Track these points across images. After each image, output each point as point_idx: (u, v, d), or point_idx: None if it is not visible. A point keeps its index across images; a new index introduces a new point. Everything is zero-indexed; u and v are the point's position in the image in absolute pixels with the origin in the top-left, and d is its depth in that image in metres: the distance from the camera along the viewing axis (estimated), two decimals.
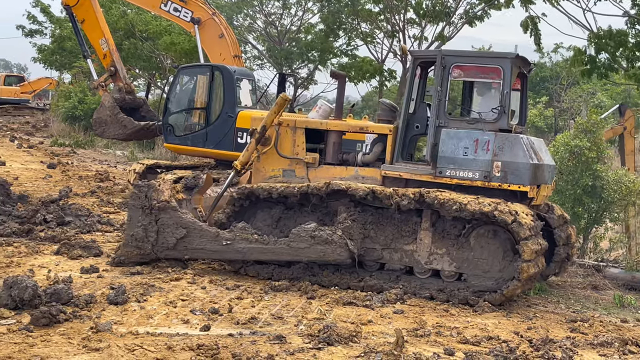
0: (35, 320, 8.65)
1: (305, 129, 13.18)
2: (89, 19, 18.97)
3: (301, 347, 8.41)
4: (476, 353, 8.57)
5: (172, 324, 9.14)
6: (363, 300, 10.86)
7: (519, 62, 12.24)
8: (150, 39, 32.81)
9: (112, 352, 7.91)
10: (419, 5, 25.17)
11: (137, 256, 12.20)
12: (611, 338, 9.63)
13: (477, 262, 11.50)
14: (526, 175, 11.35)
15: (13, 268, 11.36)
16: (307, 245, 11.63)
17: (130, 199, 12.76)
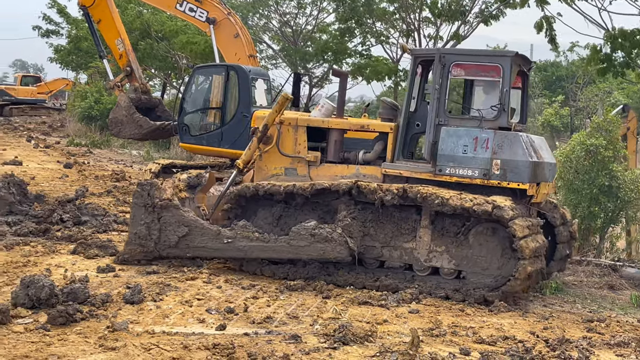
0: (52, 320, 8.70)
1: (307, 128, 13.20)
2: (105, 19, 19.04)
3: (316, 347, 8.42)
4: (492, 353, 8.54)
5: (188, 323, 9.16)
6: (378, 299, 10.85)
7: (519, 60, 12.34)
8: (166, 39, 32.88)
9: (128, 351, 7.93)
10: (434, 5, 25.07)
11: (141, 254, 12.26)
12: (628, 338, 9.59)
13: (476, 260, 11.51)
14: (525, 173, 11.36)
15: (30, 267, 11.42)
16: (307, 243, 11.62)
17: (133, 197, 12.79)
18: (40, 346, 7.97)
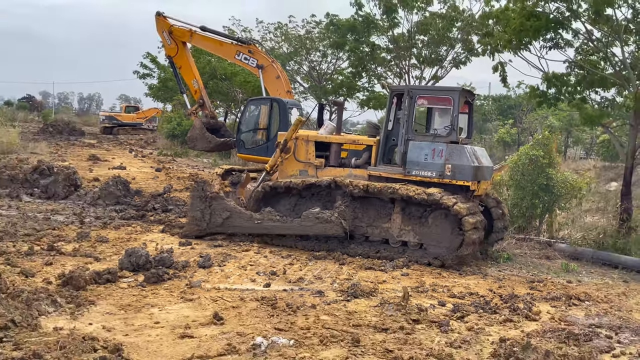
0: (147, 279, 8.79)
1: (315, 142, 13.37)
2: (184, 65, 19.13)
3: (335, 299, 8.46)
4: (461, 304, 8.58)
5: (243, 282, 9.23)
6: (379, 266, 10.92)
7: (465, 93, 12.50)
8: (228, 79, 33.02)
9: (201, 302, 8.00)
10: (419, 55, 25.05)
11: (196, 231, 12.54)
12: (560, 294, 9.62)
13: (433, 235, 11.69)
14: (469, 174, 11.51)
15: (131, 242, 11.54)
16: (313, 223, 11.85)
17: (191, 191, 13.14)
18: (138, 298, 8.05)
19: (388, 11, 24.37)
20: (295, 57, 29.10)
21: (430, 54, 24.86)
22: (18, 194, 16.23)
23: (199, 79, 19.00)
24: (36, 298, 7.38)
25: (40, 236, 11.32)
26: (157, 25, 19.17)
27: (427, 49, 24.92)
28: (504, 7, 15.37)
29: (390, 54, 25.61)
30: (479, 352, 6.73)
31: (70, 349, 5.70)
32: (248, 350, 6.28)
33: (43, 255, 9.94)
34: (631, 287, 10.90)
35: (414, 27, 24.51)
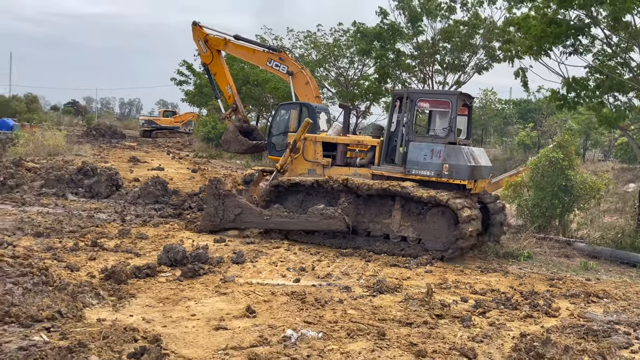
0: (184, 274, 8.87)
1: (322, 143, 13.56)
2: (219, 72, 19.26)
3: (361, 295, 8.46)
4: (483, 300, 8.50)
5: (274, 277, 9.26)
6: (404, 263, 10.87)
7: (463, 97, 12.59)
8: (260, 85, 33.17)
9: (234, 296, 8.05)
10: (443, 61, 24.89)
11: (210, 226, 12.79)
12: (579, 291, 9.46)
13: (432, 232, 11.73)
14: (466, 173, 11.59)
15: (169, 239, 11.66)
16: (318, 219, 11.96)
17: (206, 189, 13.40)
18: (176, 291, 8.13)
19: (413, 19, 24.28)
20: (324, 63, 29.12)
21: (453, 60, 24.67)
22: (64, 193, 16.52)
23: (233, 85, 19.12)
24: (81, 291, 7.49)
25: (85, 233, 11.49)
26: (194, 34, 19.34)
27: (450, 56, 24.74)
28: (525, 14, 15.21)
29: (414, 60, 25.47)
30: (500, 346, 6.67)
31: (113, 339, 5.78)
32: (279, 342, 6.31)
33: (87, 250, 10.09)
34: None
35: (438, 35, 24.37)
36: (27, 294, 7.00)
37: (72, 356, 5.27)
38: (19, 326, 6.05)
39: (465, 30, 23.88)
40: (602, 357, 6.41)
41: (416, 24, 24.35)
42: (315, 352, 6.06)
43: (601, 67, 14.63)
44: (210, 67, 19.50)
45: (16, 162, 20.51)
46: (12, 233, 10.89)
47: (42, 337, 5.79)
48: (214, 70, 19.45)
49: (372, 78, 28.13)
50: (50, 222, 12.27)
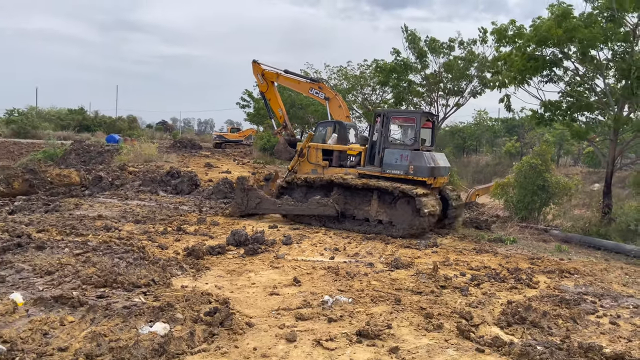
0: (246, 252, 8.92)
1: (322, 149, 13.94)
2: (272, 98, 19.34)
3: (382, 269, 8.38)
4: (478, 275, 8.34)
5: (314, 255, 9.25)
6: (415, 245, 10.71)
7: (426, 114, 12.82)
8: (303, 108, 33.25)
9: (284, 269, 8.06)
10: (445, 88, 24.64)
11: (238, 212, 13.08)
12: (554, 268, 9.22)
13: (400, 216, 11.91)
14: (426, 172, 11.88)
15: (235, 225, 11.74)
16: (315, 207, 12.33)
17: (235, 185, 13.89)
18: (240, 265, 8.18)
19: (420, 56, 24.06)
20: (353, 91, 29.01)
21: (453, 87, 24.35)
22: (156, 190, 16.81)
23: (283, 108, 19.17)
24: (169, 264, 7.61)
25: (172, 220, 11.67)
26: (253, 69, 19.47)
27: (451, 84, 24.43)
28: (509, 52, 14.91)
29: (423, 88, 25.23)
30: (491, 311, 6.54)
31: (193, 301, 5.85)
32: (318, 305, 6.30)
33: (173, 234, 10.24)
34: (611, 265, 10.35)
35: (441, 68, 24.09)
36: (129, 266, 7.15)
37: (162, 313, 5.34)
38: (124, 290, 6.17)
39: (462, 64, 23.58)
40: (574, 321, 6.23)
41: (423, 59, 24.15)
42: (346, 313, 6.04)
43: (572, 92, 14.27)
44: (266, 95, 19.60)
45: (121, 167, 20.95)
46: (118, 220, 11.13)
47: (140, 299, 5.89)
48: (268, 97, 19.55)
49: (390, 102, 27.90)
50: (146, 212, 12.50)
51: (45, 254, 7.39)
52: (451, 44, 23.77)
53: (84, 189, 16.69)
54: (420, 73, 24.88)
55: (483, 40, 22.92)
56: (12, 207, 12.36)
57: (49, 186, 16.42)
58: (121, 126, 56.36)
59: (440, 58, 24.23)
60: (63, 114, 58.70)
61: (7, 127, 50.90)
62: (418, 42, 24.00)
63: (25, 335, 4.63)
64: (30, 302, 5.44)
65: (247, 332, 5.34)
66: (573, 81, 14.57)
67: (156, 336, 4.78)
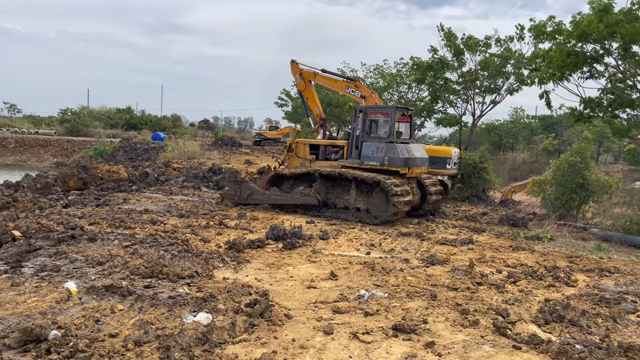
0: (284, 246, 8.98)
1: (310, 145, 14.57)
2: (310, 97, 19.37)
3: (417, 265, 8.29)
4: (514, 272, 8.14)
5: (350, 250, 9.23)
6: (451, 242, 10.54)
7: (400, 109, 13.18)
8: (339, 106, 33.15)
9: (322, 263, 8.08)
10: (481, 85, 24.12)
11: (231, 202, 13.59)
12: (593, 267, 8.90)
13: (376, 204, 12.33)
14: (400, 162, 12.34)
15: (274, 220, 11.81)
16: (299, 197, 12.85)
17: (229, 177, 14.45)
18: (279, 258, 8.25)
19: (457, 54, 23.65)
20: (389, 89, 28.75)
21: (489, 84, 23.82)
22: (199, 186, 17.13)
23: (320, 107, 19.16)
24: (211, 257, 7.75)
25: (214, 215, 11.87)
26: (292, 69, 19.54)
27: (487, 81, 23.90)
28: (548, 49, 14.46)
29: (459, 85, 24.79)
30: (528, 308, 6.37)
31: (234, 292, 5.93)
32: (355, 299, 6.29)
33: (215, 227, 10.41)
34: None
35: (477, 65, 23.60)
36: (174, 258, 7.31)
37: (205, 304, 5.45)
38: (169, 281, 6.32)
39: (499, 61, 23.04)
40: (613, 320, 6.01)
41: (460, 57, 23.72)
42: (382, 308, 6.01)
43: (613, 89, 13.72)
44: (303, 94, 19.65)
45: (165, 164, 21.45)
46: (163, 214, 11.40)
47: (184, 289, 6.02)
48: (306, 96, 19.60)
49: (426, 100, 27.55)
50: (189, 207, 12.75)
51: (97, 245, 7.65)
52: (488, 41, 23.29)
53: (132, 185, 17.17)
54: (456, 71, 24.47)
55: (520, 37, 22.38)
56: (66, 201, 12.85)
57: (99, 182, 16.97)
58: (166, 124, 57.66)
59: (476, 56, 23.77)
60: (112, 113, 60.49)
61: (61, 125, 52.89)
62: (455, 40, 23.62)
63: (79, 321, 4.80)
64: (83, 290, 5.65)
65: (286, 323, 5.38)
66: (614, 78, 14.01)
67: (199, 325, 4.88)
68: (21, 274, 6.24)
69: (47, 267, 6.48)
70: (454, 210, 16.05)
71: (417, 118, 28.61)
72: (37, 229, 8.15)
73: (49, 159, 39.87)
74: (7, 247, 7.31)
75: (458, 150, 19.01)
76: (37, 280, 6.00)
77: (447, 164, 17.55)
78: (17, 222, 8.77)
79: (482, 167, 18.61)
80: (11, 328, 4.60)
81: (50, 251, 7.13)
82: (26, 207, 11.86)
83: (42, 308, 5.10)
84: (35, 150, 41.03)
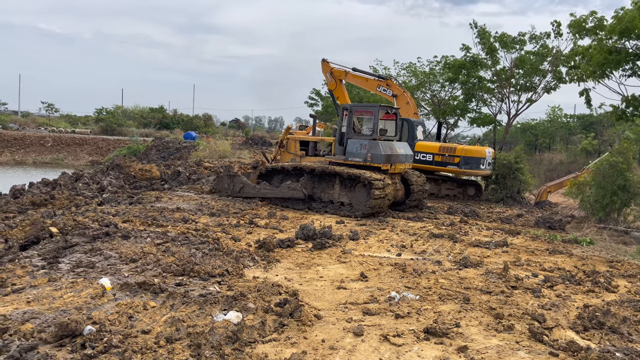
0: (314, 246, 8.98)
1: (300, 141, 15.11)
2: (340, 96, 19.38)
3: (450, 268, 8.17)
4: (551, 276, 7.93)
5: (381, 251, 9.16)
6: (484, 244, 10.33)
7: (384, 107, 13.58)
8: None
9: (352, 264, 8.05)
10: (517, 84, 23.60)
11: (224, 194, 14.22)
12: (635, 272, 8.58)
13: (358, 198, 12.86)
14: (382, 159, 12.89)
15: (304, 220, 11.83)
16: (287, 190, 13.37)
17: (223, 171, 14.80)
18: (308, 258, 8.25)
19: (490, 52, 23.22)
20: (421, 87, 28.47)
21: (525, 83, 23.32)
22: None
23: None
24: (241, 255, 7.82)
25: (244, 214, 11.97)
26: (322, 67, 19.55)
27: (523, 79, 23.40)
28: (588, 46, 14.06)
29: (493, 84, 24.33)
30: (566, 314, 6.19)
31: (264, 292, 5.97)
32: (385, 300, 6.24)
33: (246, 226, 10.50)
34: None
35: (512, 63, 23.12)
36: (205, 257, 7.41)
37: (235, 302, 5.50)
38: (200, 279, 6.40)
39: (535, 59, 22.51)
40: None
41: (493, 55, 23.29)
42: (413, 310, 5.94)
43: None
44: (334, 93, 19.66)
45: (197, 163, 21.77)
46: (194, 213, 11.57)
47: (215, 287, 6.09)
48: (336, 95, 19.59)
49: (460, 98, 27.15)
50: (220, 205, 12.90)
51: (130, 242, 7.82)
52: (522, 38, 22.77)
53: (164, 183, 17.50)
54: (490, 69, 24.05)
55: (557, 33, 21.80)
56: (101, 199, 13.18)
57: (132, 180, 17.35)
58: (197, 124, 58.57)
59: (511, 53, 23.30)
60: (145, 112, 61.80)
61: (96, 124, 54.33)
62: (488, 37, 23.20)
63: (113, 317, 4.92)
64: (117, 287, 5.77)
65: (316, 324, 5.38)
66: None
67: (230, 324, 4.93)
68: (58, 270, 6.43)
69: (83, 263, 6.66)
70: (488, 211, 15.75)
71: (451, 117, 28.26)
72: (73, 226, 8.38)
73: (84, 157, 41.07)
74: (45, 243, 7.54)
75: (492, 150, 18.67)
76: (73, 276, 6.17)
77: (481, 165, 17.25)
78: (54, 219, 9.06)
79: (517, 167, 18.21)
80: (48, 322, 4.74)
81: (85, 247, 7.33)
82: (63, 205, 12.23)
83: (77, 303, 5.24)
84: (71, 149, 42.32)
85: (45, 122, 56.40)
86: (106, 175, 17.97)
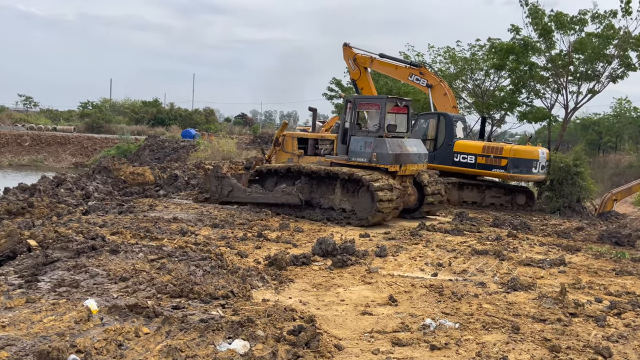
0: (334, 263, 9.00)
1: (298, 138, 15.32)
2: (365, 86, 19.44)
3: (496, 291, 8.10)
4: (618, 302, 7.77)
5: (413, 270, 9.14)
6: (537, 262, 10.22)
7: (393, 100, 13.82)
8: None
9: (378, 285, 8.05)
10: (576, 71, 23.34)
11: (213, 199, 14.70)
12: None
13: (361, 204, 13.12)
14: (389, 159, 13.07)
15: (321, 233, 11.89)
16: (280, 195, 13.74)
17: (210, 172, 15.18)
18: (327, 278, 8.27)
19: (544, 34, 23.03)
20: (461, 76, 28.34)
21: (586, 70, 23.06)
22: None
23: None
24: (249, 274, 7.86)
25: (252, 225, 12.04)
26: (344, 53, 19.62)
27: (583, 66, 23.14)
28: None
29: (547, 72, 24.11)
30: (636, 347, 6.07)
31: (275, 317, 5.98)
32: (419, 329, 6.21)
33: (254, 240, 10.57)
34: None
35: (570, 47, 22.90)
36: (206, 275, 7.47)
37: (242, 329, 5.52)
38: (200, 302, 6.45)
39: (598, 42, 22.25)
40: None
41: (548, 37, 23.10)
42: (452, 341, 5.90)
43: None
44: (357, 83, 19.73)
45: (197, 165, 21.98)
46: (194, 224, 11.68)
47: (218, 312, 6.12)
48: (361, 85, 19.65)
49: (507, 89, 26.95)
50: (224, 215, 13.00)
51: (120, 258, 7.92)
52: (583, 17, 22.53)
53: (159, 189, 17.69)
54: (544, 54, 23.85)
55: (626, 11, 21.53)
56: (86, 207, 13.38)
57: (122, 185, 17.57)
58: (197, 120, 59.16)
59: (569, 35, 23.09)
60: (137, 106, 62.62)
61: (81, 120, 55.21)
62: (542, 16, 23.03)
63: (100, 345, 4.98)
64: (104, 309, 5.85)
65: (336, 355, 5.38)
66: None
67: (235, 354, 4.96)
68: (37, 289, 6.54)
69: (66, 281, 6.77)
70: (542, 224, 15.58)
71: (497, 112, 28.09)
72: (54, 239, 8.52)
73: (67, 158, 41.78)
74: (22, 259, 7.68)
75: (547, 150, 18.49)
76: (54, 297, 6.27)
77: (533, 168, 17.08)
78: (32, 230, 9.22)
79: (576, 171, 17.98)
80: (25, 351, 4.82)
81: (68, 264, 7.44)
82: (42, 214, 12.45)
83: (59, 328, 5.32)
84: (52, 149, 43.10)
85: (23, 117, 57.53)
86: (92, 179, 18.25)
